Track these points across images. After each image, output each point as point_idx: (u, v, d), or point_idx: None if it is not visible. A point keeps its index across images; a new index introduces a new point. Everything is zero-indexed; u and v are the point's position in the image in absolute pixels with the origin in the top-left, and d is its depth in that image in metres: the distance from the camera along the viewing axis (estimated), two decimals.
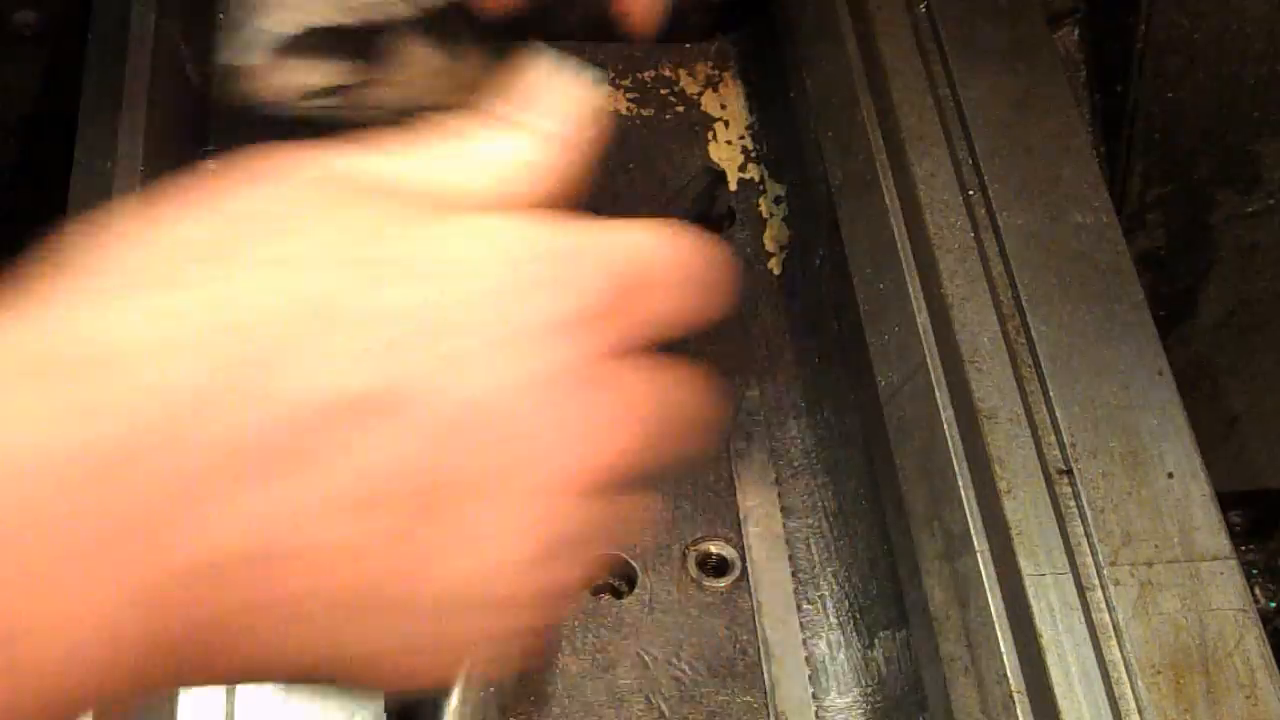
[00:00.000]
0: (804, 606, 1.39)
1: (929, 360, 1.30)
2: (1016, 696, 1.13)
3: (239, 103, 1.04)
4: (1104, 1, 1.73)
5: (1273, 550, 2.28)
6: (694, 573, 1.39)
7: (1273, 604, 2.24)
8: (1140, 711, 1.13)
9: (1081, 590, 1.18)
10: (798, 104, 1.64)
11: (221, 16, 1.48)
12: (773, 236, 1.64)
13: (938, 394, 1.28)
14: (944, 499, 1.24)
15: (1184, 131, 1.76)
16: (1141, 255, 1.82)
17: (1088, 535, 1.21)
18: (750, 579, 1.39)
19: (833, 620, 1.38)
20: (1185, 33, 1.69)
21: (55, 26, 1.65)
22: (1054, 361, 1.31)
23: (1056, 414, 1.28)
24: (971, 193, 1.43)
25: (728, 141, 1.73)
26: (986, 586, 1.18)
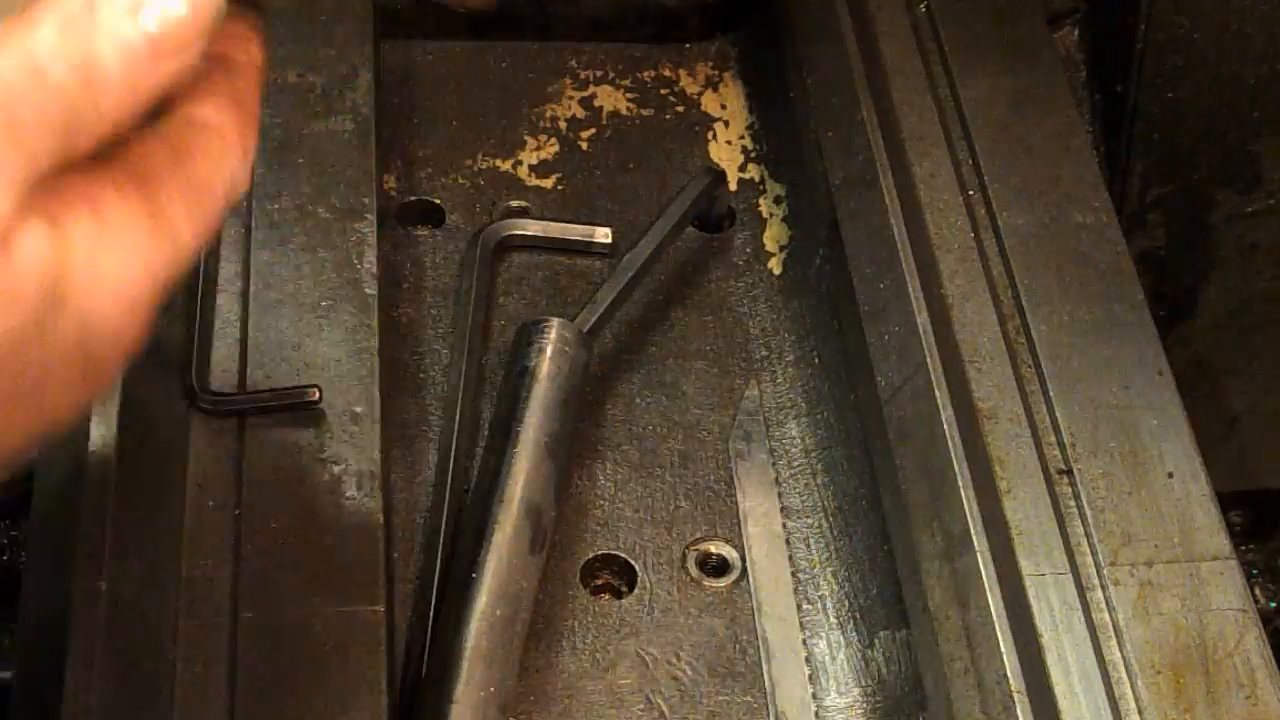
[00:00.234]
0: (804, 606, 1.39)
1: (929, 360, 1.30)
2: (1016, 696, 1.13)
3: None
4: (1104, 1, 1.73)
5: (1273, 550, 2.28)
6: (694, 573, 1.39)
7: (1273, 604, 2.24)
8: (1140, 711, 1.13)
9: (1081, 590, 1.18)
10: (798, 104, 1.64)
11: None
12: (773, 236, 1.64)
13: (938, 394, 1.28)
14: (944, 499, 1.24)
15: (1184, 131, 1.76)
16: (1141, 255, 1.82)
17: (1088, 535, 1.21)
18: (750, 579, 1.39)
19: (833, 620, 1.38)
20: (1185, 33, 1.69)
21: None
22: (1054, 361, 1.31)
23: (1056, 414, 1.28)
24: (971, 193, 1.43)
25: (728, 141, 1.73)
26: (986, 586, 1.18)
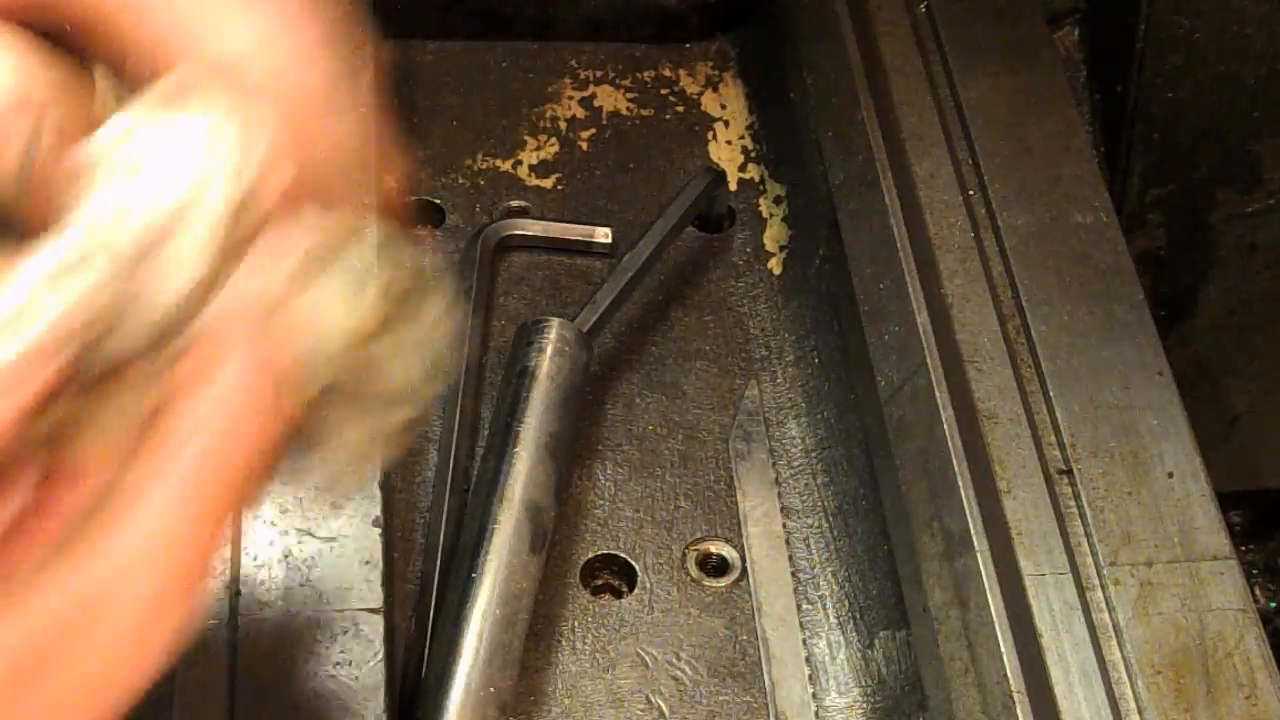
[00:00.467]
0: (804, 606, 1.39)
1: (929, 360, 1.30)
2: (1016, 696, 1.13)
3: None
4: (1104, 1, 1.73)
5: (1273, 550, 2.28)
6: (694, 573, 1.39)
7: (1273, 604, 2.24)
8: (1140, 711, 1.13)
9: (1081, 590, 1.18)
10: (798, 104, 1.65)
11: None
12: (773, 236, 1.64)
13: (938, 394, 1.28)
14: (944, 499, 1.24)
15: (1184, 131, 1.76)
16: (1141, 255, 1.82)
17: (1088, 535, 1.21)
18: (750, 579, 1.39)
19: (833, 620, 1.38)
20: (1185, 33, 1.69)
21: None
22: (1054, 361, 1.31)
23: (1056, 414, 1.28)
24: (971, 193, 1.43)
25: (728, 141, 1.73)
26: (986, 586, 1.18)
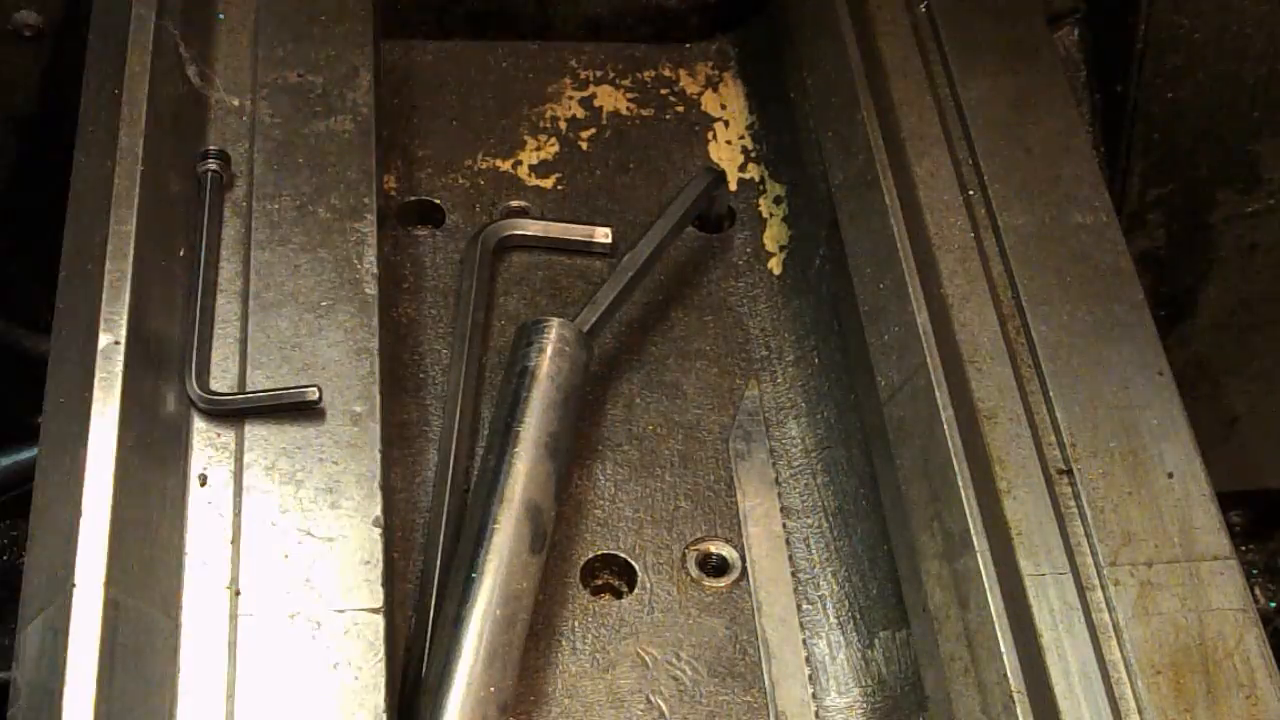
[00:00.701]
0: (804, 606, 1.39)
1: (929, 360, 1.30)
2: (1016, 696, 1.13)
3: None
4: (1104, 1, 1.74)
5: (1273, 550, 2.28)
6: (694, 573, 1.39)
7: (1273, 604, 2.24)
8: (1140, 711, 1.13)
9: (1081, 590, 1.18)
10: (798, 104, 1.65)
11: (221, 17, 1.48)
12: (773, 236, 1.64)
13: (938, 394, 1.28)
14: (944, 499, 1.24)
15: (1184, 131, 1.76)
16: (1141, 255, 1.82)
17: (1088, 535, 1.22)
18: (750, 579, 1.39)
19: (833, 620, 1.38)
20: (1185, 33, 1.69)
21: (55, 26, 1.65)
22: (1054, 361, 1.31)
23: (1056, 414, 1.28)
24: (971, 193, 1.43)
25: (728, 141, 1.73)
26: (986, 586, 1.18)
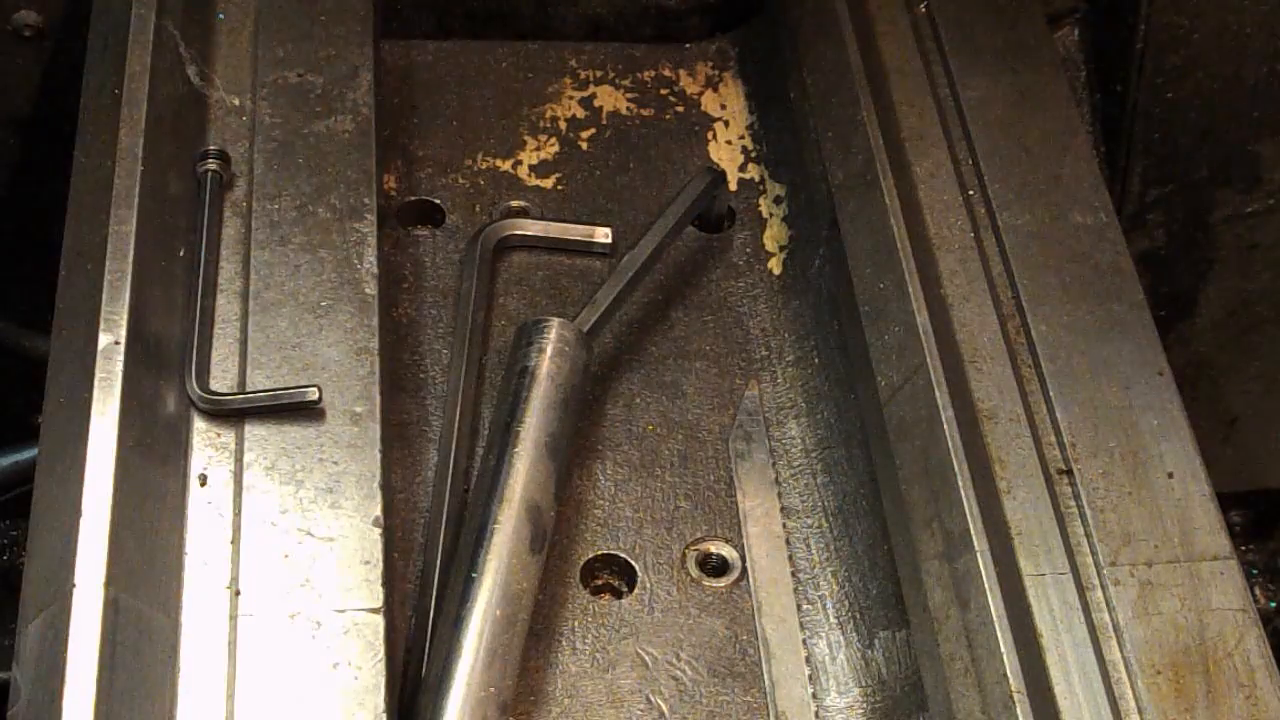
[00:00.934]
0: (804, 606, 1.39)
1: (929, 360, 1.30)
2: (1016, 696, 1.13)
3: None
4: (1104, 1, 1.74)
5: (1273, 550, 2.28)
6: (694, 573, 1.39)
7: (1273, 604, 2.24)
8: (1140, 711, 1.13)
9: (1081, 590, 1.18)
10: (798, 104, 1.65)
11: (221, 17, 1.48)
12: (773, 236, 1.64)
13: (938, 394, 1.28)
14: (944, 499, 1.24)
15: (1184, 131, 1.76)
16: (1141, 255, 1.83)
17: (1088, 535, 1.22)
18: (750, 579, 1.39)
19: (833, 620, 1.38)
20: (1185, 33, 1.69)
21: (55, 26, 1.65)
22: (1054, 361, 1.31)
23: (1056, 414, 1.28)
24: (971, 193, 1.43)
25: (728, 141, 1.73)
26: (986, 586, 1.18)
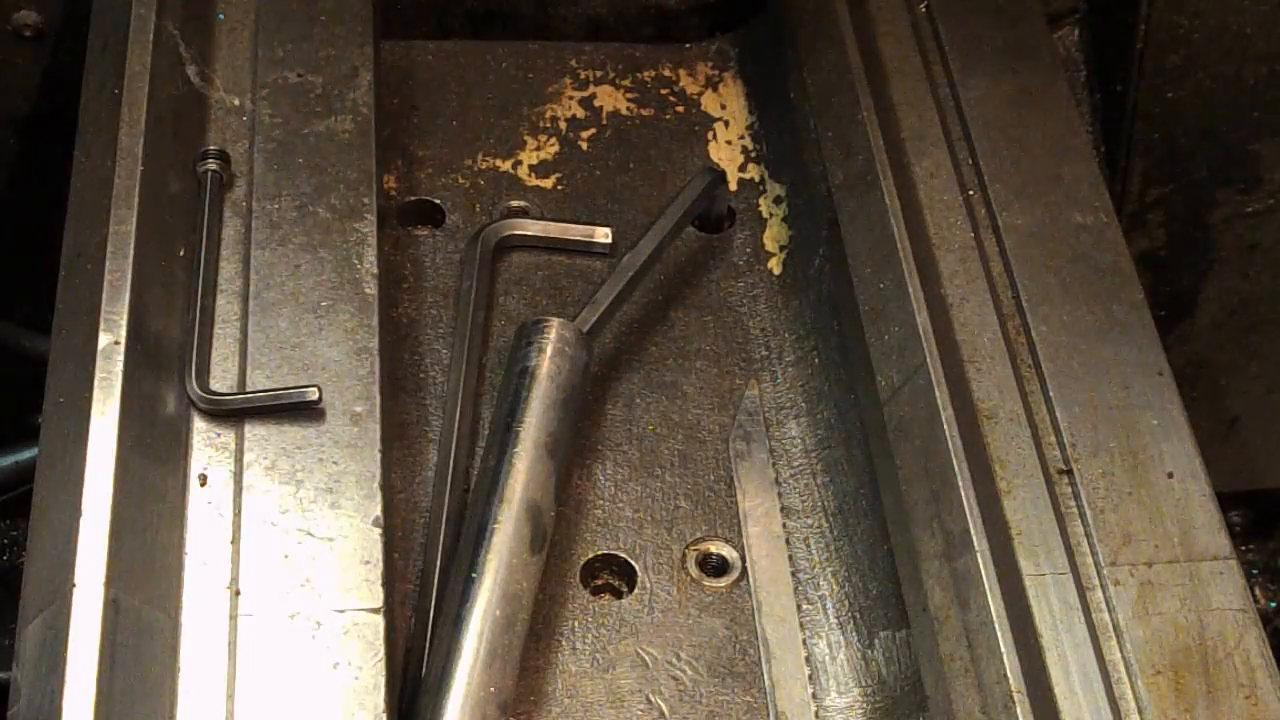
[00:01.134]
0: (804, 606, 1.39)
1: (929, 360, 1.30)
2: (1016, 696, 1.13)
3: None
4: (1104, 1, 1.74)
5: (1273, 550, 2.28)
6: (694, 573, 1.39)
7: (1273, 604, 2.24)
8: (1140, 711, 1.13)
9: (1081, 590, 1.18)
10: (798, 104, 1.65)
11: (221, 17, 1.48)
12: (773, 236, 1.64)
13: (938, 394, 1.28)
14: (944, 499, 1.24)
15: (1184, 131, 1.76)
16: (1141, 255, 1.83)
17: (1088, 535, 1.22)
18: (750, 579, 1.39)
19: (833, 620, 1.38)
20: (1185, 33, 1.69)
21: (55, 26, 1.65)
22: (1054, 361, 1.31)
23: (1056, 414, 1.28)
24: (971, 193, 1.43)
25: (728, 141, 1.73)
26: (986, 586, 1.18)
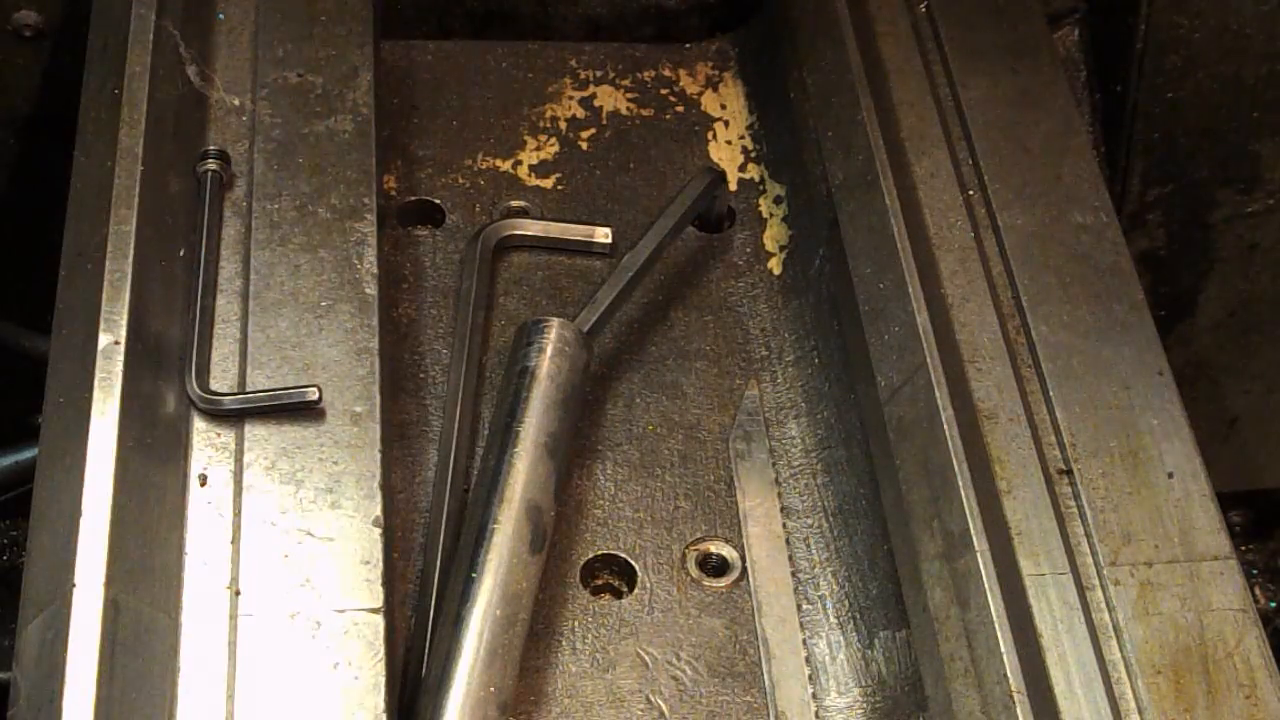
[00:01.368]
0: (804, 606, 1.39)
1: (929, 360, 1.30)
2: (1016, 696, 1.13)
3: None
4: (1104, 1, 1.74)
5: (1273, 550, 2.28)
6: (694, 573, 1.39)
7: (1273, 604, 2.24)
8: (1140, 711, 1.13)
9: (1081, 590, 1.18)
10: (798, 104, 1.65)
11: (221, 17, 1.48)
12: (773, 236, 1.64)
13: (938, 394, 1.28)
14: (944, 499, 1.24)
15: (1184, 131, 1.76)
16: (1141, 255, 1.83)
17: (1088, 535, 1.22)
18: (750, 579, 1.39)
19: (833, 620, 1.38)
20: (1185, 33, 1.69)
21: (55, 26, 1.65)
22: (1054, 361, 1.31)
23: (1056, 414, 1.28)
24: (971, 193, 1.43)
25: (728, 141, 1.73)
26: (986, 586, 1.18)
